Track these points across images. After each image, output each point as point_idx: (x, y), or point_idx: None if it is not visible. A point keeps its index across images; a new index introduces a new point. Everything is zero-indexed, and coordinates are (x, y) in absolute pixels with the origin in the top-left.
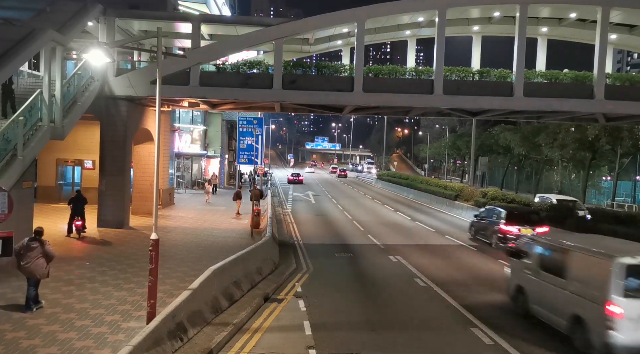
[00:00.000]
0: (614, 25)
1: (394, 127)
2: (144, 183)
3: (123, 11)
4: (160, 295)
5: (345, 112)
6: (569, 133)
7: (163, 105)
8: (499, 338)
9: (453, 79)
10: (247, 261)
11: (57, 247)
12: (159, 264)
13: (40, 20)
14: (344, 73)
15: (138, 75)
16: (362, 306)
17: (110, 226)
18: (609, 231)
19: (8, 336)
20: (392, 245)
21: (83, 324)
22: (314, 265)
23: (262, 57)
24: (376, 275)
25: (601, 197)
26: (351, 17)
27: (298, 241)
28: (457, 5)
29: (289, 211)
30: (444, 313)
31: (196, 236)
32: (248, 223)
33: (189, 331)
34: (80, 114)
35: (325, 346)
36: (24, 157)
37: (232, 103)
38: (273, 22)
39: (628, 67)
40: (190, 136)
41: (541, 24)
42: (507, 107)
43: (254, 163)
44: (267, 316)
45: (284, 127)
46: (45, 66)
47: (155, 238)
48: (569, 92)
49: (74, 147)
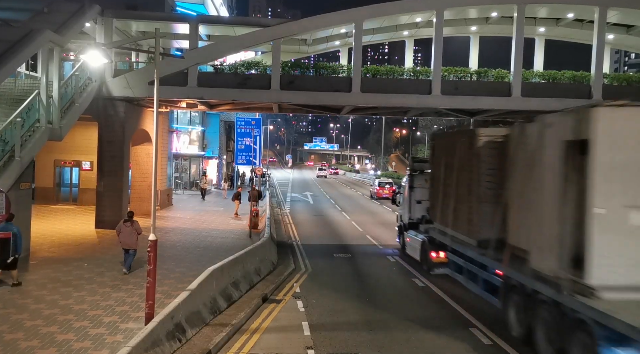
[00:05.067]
0: (612, 25)
1: (392, 127)
2: (142, 184)
3: (121, 12)
4: (159, 295)
5: (343, 112)
6: None
7: (161, 106)
8: (498, 338)
9: (451, 79)
10: (246, 262)
11: (55, 248)
12: (157, 265)
13: (37, 21)
14: (342, 73)
15: (136, 76)
16: (360, 307)
17: (108, 228)
18: None
19: (6, 338)
20: (391, 245)
21: (81, 326)
22: (312, 265)
23: (260, 57)
24: (375, 275)
25: None
26: (349, 17)
27: (296, 242)
28: (454, 6)
29: (287, 211)
30: (443, 313)
31: (194, 237)
32: (246, 224)
33: (187, 332)
34: (78, 115)
35: (324, 347)
36: (21, 158)
37: (230, 104)
38: (271, 23)
39: (626, 67)
40: (188, 137)
41: (539, 24)
42: (505, 107)
43: (252, 164)
44: (266, 316)
45: (282, 128)
46: (42, 67)
47: (154, 239)
48: (566, 92)
49: (72, 148)
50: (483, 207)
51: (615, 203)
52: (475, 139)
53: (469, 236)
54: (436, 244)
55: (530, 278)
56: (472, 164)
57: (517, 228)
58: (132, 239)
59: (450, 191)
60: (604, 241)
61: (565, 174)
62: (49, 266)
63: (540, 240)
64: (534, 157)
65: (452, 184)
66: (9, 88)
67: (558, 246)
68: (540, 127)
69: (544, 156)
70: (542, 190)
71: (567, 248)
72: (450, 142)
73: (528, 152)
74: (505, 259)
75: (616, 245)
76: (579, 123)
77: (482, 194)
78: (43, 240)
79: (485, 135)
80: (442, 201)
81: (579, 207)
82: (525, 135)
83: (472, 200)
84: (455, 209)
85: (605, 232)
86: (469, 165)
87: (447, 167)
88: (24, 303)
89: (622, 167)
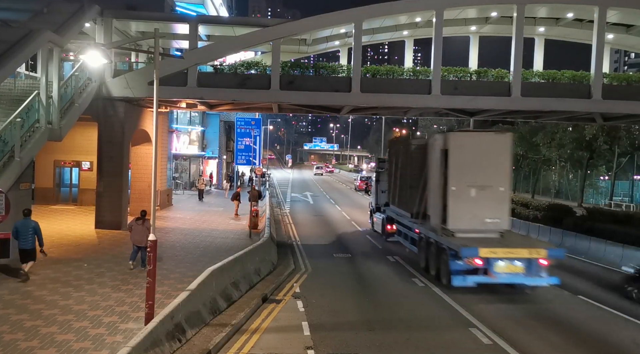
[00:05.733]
0: (611, 25)
1: (392, 127)
2: (142, 185)
3: (120, 12)
4: (159, 296)
5: (343, 112)
6: (567, 133)
7: (161, 106)
8: (498, 338)
9: (451, 79)
10: (246, 262)
11: (55, 248)
12: (157, 265)
13: (37, 21)
14: (341, 73)
15: (135, 76)
16: (360, 307)
17: (108, 228)
18: (607, 230)
19: (6, 338)
20: (390, 245)
21: (81, 326)
22: (312, 265)
23: (259, 57)
24: (374, 275)
25: (599, 197)
26: (349, 17)
27: (296, 242)
28: (454, 6)
29: (287, 211)
30: (443, 313)
31: (194, 237)
32: (246, 224)
33: (187, 332)
34: (77, 115)
35: (323, 347)
36: (21, 159)
37: (230, 104)
38: (271, 23)
39: (625, 66)
40: (188, 137)
41: (538, 23)
42: (505, 107)
43: (252, 164)
44: (266, 316)
45: (282, 128)
46: (42, 67)
47: (153, 239)
48: (566, 92)
49: (71, 149)
50: (413, 191)
51: (462, 184)
52: (409, 145)
53: (406, 211)
54: (390, 219)
55: (429, 230)
56: (407, 162)
57: (426, 202)
58: (144, 237)
59: (397, 182)
60: (456, 205)
61: (440, 168)
62: (48, 266)
63: (433, 207)
64: (431, 158)
65: (398, 177)
66: (9, 88)
67: (438, 210)
68: (433, 141)
69: (434, 158)
70: (433, 178)
71: (440, 211)
72: (397, 146)
73: (428, 155)
74: (420, 222)
75: (462, 208)
76: (444, 141)
77: (412, 183)
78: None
79: (414, 142)
80: (393, 189)
81: (444, 187)
82: (429, 145)
83: (408, 187)
84: (400, 194)
85: (456, 200)
86: (406, 163)
87: (396, 164)
88: (23, 304)
89: (464, 163)
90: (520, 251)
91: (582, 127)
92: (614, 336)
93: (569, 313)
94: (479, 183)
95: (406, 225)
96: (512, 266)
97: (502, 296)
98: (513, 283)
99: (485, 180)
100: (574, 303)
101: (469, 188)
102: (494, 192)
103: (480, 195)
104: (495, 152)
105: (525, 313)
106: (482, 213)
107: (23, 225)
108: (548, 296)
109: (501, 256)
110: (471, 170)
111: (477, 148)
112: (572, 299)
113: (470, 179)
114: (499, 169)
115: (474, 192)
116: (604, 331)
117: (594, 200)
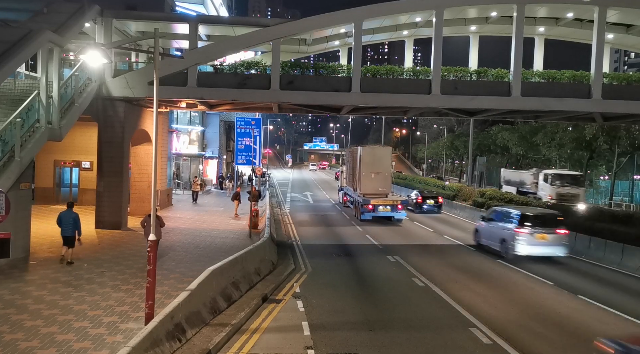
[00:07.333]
0: (611, 25)
1: (392, 127)
2: (142, 184)
3: (120, 12)
4: (159, 296)
5: (343, 112)
6: (567, 133)
7: (161, 106)
8: (498, 338)
9: (451, 79)
10: (246, 262)
11: (55, 248)
12: (157, 265)
13: (37, 21)
14: (341, 73)
15: (135, 76)
16: (360, 306)
17: (108, 228)
18: (607, 230)
19: (6, 338)
20: (390, 245)
21: (81, 326)
22: (312, 265)
23: (259, 57)
24: (374, 275)
25: (599, 196)
26: (349, 17)
27: (296, 242)
28: (454, 5)
29: (287, 211)
30: (443, 313)
31: (194, 237)
32: (246, 224)
33: (187, 332)
34: (77, 115)
35: (323, 347)
36: (21, 159)
37: (230, 104)
38: (270, 23)
39: (625, 66)
40: (188, 137)
41: (538, 23)
42: (505, 106)
43: (252, 164)
44: (266, 316)
45: (282, 128)
46: (42, 67)
47: (153, 239)
48: (566, 92)
49: (71, 148)
50: (354, 177)
51: (367, 172)
52: (351, 151)
53: (353, 188)
54: (345, 194)
55: (357, 196)
56: (350, 161)
57: (357, 182)
58: (157, 231)
59: (350, 172)
60: (363, 182)
61: (359, 163)
62: (48, 266)
63: (356, 183)
64: (355, 158)
65: (350, 169)
66: (9, 88)
67: (358, 185)
68: (356, 149)
69: (355, 159)
70: (355, 169)
71: (359, 185)
72: (347, 152)
73: (354, 157)
74: (353, 192)
75: (367, 183)
76: (360, 150)
77: (347, 173)
78: (43, 240)
79: (351, 150)
80: (347, 177)
81: (359, 173)
82: (354, 151)
83: (353, 175)
84: (350, 179)
85: (364, 179)
86: (349, 161)
87: (348, 162)
88: (23, 304)
89: (368, 161)
90: (388, 201)
91: (582, 127)
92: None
93: (569, 313)
94: (375, 171)
95: (351, 195)
96: (385, 209)
97: (502, 296)
98: (386, 216)
99: (378, 169)
100: (574, 303)
101: (370, 173)
102: (383, 175)
103: (376, 177)
104: (383, 155)
105: (525, 313)
106: (376, 185)
107: (66, 215)
108: (548, 296)
109: (380, 203)
110: (371, 164)
111: (374, 153)
112: (573, 299)
113: (371, 169)
114: (384, 164)
115: (373, 176)
116: (604, 331)
117: (594, 199)
